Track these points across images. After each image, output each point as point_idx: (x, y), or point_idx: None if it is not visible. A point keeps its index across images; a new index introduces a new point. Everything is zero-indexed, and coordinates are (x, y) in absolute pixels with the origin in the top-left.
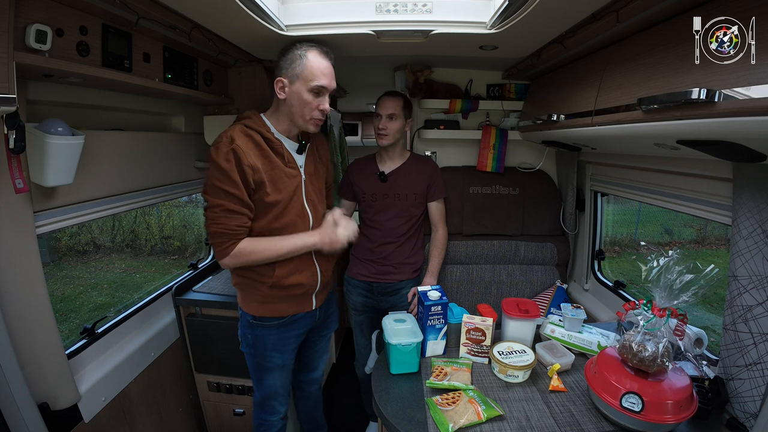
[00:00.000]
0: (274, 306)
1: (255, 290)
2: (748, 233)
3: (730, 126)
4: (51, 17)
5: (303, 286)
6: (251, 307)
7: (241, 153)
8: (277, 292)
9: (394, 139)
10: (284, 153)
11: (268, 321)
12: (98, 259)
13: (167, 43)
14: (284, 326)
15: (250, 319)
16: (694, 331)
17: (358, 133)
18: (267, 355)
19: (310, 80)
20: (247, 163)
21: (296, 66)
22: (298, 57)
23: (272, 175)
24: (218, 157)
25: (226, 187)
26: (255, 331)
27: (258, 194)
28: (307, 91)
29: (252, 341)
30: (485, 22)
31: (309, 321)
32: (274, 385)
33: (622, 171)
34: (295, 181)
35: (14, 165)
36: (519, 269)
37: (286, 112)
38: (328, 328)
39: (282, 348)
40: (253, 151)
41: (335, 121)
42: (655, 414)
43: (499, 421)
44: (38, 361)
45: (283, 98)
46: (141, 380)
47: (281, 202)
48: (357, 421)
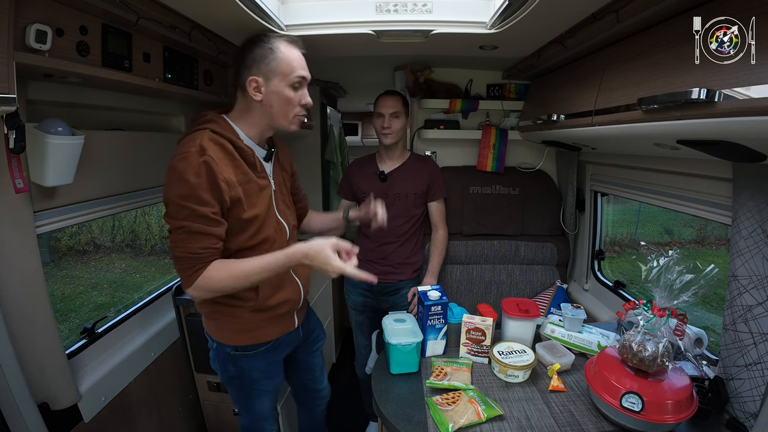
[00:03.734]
0: (257, 332)
1: (234, 317)
2: (748, 233)
3: (730, 126)
4: (51, 17)
5: (288, 303)
6: (230, 338)
7: (215, 166)
8: (260, 316)
9: (397, 137)
10: (256, 162)
11: (252, 349)
12: (98, 259)
13: (167, 43)
14: (269, 351)
15: (230, 351)
16: (694, 331)
17: (358, 133)
18: (257, 383)
19: (288, 74)
20: (222, 177)
21: (269, 62)
22: (270, 51)
23: (247, 189)
24: (186, 170)
25: (192, 205)
26: (238, 363)
27: (234, 211)
28: (288, 86)
29: (236, 373)
30: (485, 22)
31: (293, 341)
32: (263, 409)
33: (622, 171)
34: (267, 192)
35: (14, 165)
36: (519, 269)
37: (261, 115)
38: (316, 341)
39: (271, 373)
40: (226, 163)
41: (335, 121)
42: (655, 414)
43: (499, 421)
44: (38, 361)
45: (259, 99)
46: (141, 380)
47: (258, 217)
48: (357, 421)
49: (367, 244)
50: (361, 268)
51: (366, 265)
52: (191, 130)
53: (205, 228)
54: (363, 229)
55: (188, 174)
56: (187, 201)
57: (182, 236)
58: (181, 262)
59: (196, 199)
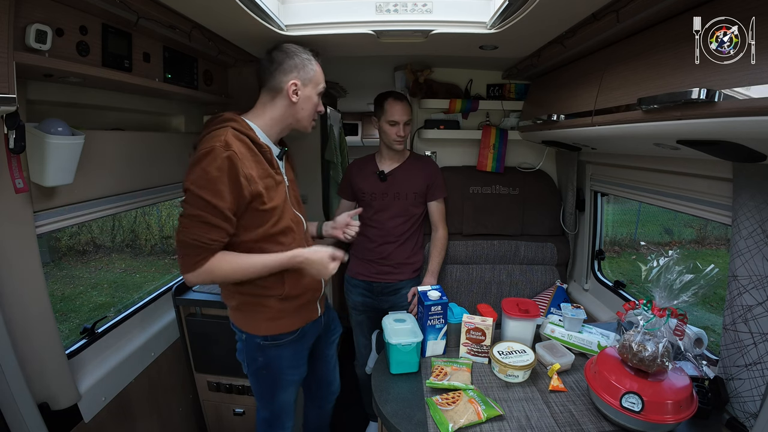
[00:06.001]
0: (285, 321)
1: (264, 307)
2: (748, 233)
3: (730, 126)
4: (51, 17)
5: (312, 291)
6: (261, 327)
7: (238, 161)
8: (288, 305)
9: (406, 142)
10: (273, 159)
11: (281, 338)
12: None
13: (167, 43)
14: (296, 341)
15: (260, 341)
16: (694, 331)
17: (358, 133)
18: (284, 373)
19: (318, 83)
20: (244, 173)
21: (308, 71)
22: (308, 61)
23: (266, 183)
24: (210, 163)
25: (210, 197)
26: (267, 353)
27: (254, 204)
28: (316, 94)
29: (264, 363)
30: (485, 22)
31: (316, 330)
32: (288, 401)
33: (622, 171)
34: (282, 188)
35: (14, 165)
36: (519, 269)
37: (288, 115)
38: (334, 333)
39: (298, 363)
40: (248, 158)
41: (335, 121)
42: (655, 414)
43: (499, 420)
44: (38, 361)
45: (294, 101)
46: (141, 380)
47: (278, 208)
48: (357, 421)
49: (367, 244)
50: (361, 267)
51: (366, 264)
52: (211, 129)
53: (216, 220)
54: (363, 228)
55: (211, 167)
56: (204, 192)
57: (195, 224)
58: (187, 248)
59: (214, 192)
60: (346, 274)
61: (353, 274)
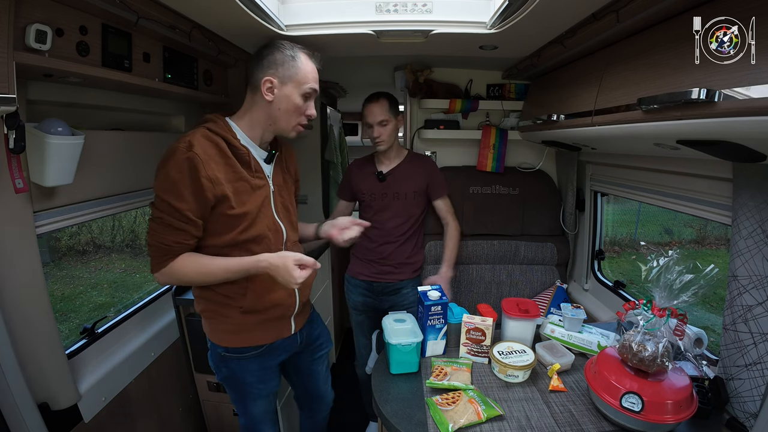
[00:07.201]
0: (248, 335)
1: (225, 317)
2: (748, 233)
3: (730, 126)
4: (51, 17)
5: (281, 307)
6: (222, 338)
7: (199, 163)
8: (251, 318)
9: (390, 141)
10: (251, 161)
11: (244, 352)
12: (98, 259)
13: (167, 43)
14: (262, 356)
15: (221, 352)
16: (694, 331)
17: (358, 133)
18: (250, 386)
19: (303, 83)
20: (206, 174)
21: (289, 67)
22: (290, 58)
23: (237, 187)
24: (168, 165)
25: (170, 199)
26: (230, 364)
27: (220, 208)
28: (299, 94)
29: (228, 374)
30: (485, 22)
31: (289, 347)
32: (258, 412)
33: (622, 171)
34: (262, 193)
35: (14, 165)
36: (519, 269)
37: (266, 116)
38: (321, 349)
39: (265, 377)
40: (216, 160)
41: (335, 121)
42: (655, 414)
43: (499, 421)
44: (38, 361)
45: (269, 100)
46: (141, 380)
47: (248, 214)
48: (357, 421)
49: (367, 244)
50: (361, 267)
51: (366, 264)
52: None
53: (179, 223)
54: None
55: (171, 169)
56: (167, 195)
57: (159, 226)
58: (152, 250)
59: (175, 194)
60: (346, 273)
61: (354, 273)
